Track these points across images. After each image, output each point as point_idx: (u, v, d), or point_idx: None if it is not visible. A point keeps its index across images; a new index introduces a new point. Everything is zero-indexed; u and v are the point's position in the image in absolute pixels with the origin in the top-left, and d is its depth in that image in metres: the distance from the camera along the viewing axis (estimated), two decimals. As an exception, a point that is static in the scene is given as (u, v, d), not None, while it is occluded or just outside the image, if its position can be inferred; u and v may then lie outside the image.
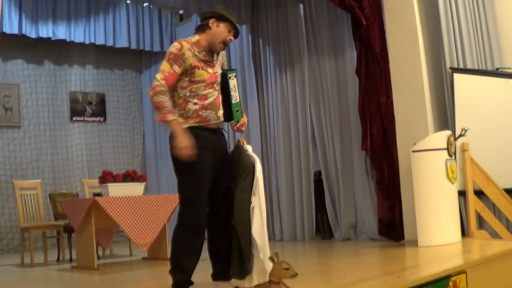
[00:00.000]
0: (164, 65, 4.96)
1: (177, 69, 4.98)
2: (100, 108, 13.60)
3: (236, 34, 5.42)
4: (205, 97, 5.08)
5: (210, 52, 5.26)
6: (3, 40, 3.85)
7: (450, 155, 7.72)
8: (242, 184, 5.01)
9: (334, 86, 10.26)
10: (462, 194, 8.06)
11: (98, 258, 8.89)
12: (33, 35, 11.74)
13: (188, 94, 5.04)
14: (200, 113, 5.03)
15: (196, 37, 5.22)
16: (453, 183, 7.71)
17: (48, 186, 12.11)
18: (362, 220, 9.77)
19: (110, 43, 12.81)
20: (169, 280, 5.17)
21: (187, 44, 5.09)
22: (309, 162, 10.64)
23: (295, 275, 3.82)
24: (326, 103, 10.34)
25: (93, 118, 13.49)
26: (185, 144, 4.86)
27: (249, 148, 5.17)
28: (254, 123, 11.50)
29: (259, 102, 11.54)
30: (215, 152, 5.11)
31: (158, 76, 4.92)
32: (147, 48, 13.37)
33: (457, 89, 8.32)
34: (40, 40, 12.18)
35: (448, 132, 7.86)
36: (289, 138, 10.94)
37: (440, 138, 7.76)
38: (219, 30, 5.24)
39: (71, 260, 9.29)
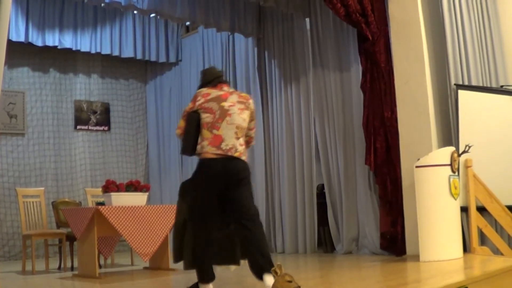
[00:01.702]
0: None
1: None
2: (104, 118, 13.63)
3: None
4: None
5: None
6: (9, 47, 3.92)
7: (453, 171, 7.73)
8: None
9: (339, 100, 10.28)
10: (464, 210, 8.07)
11: (100, 267, 8.91)
12: (39, 43, 11.79)
13: None
14: None
15: None
16: (455, 199, 7.72)
17: (51, 194, 12.12)
18: (364, 234, 9.76)
19: (116, 52, 12.85)
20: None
21: None
22: (312, 175, 10.65)
23: (298, 287, 3.83)
24: (331, 117, 10.35)
25: (97, 127, 13.51)
26: None
27: None
28: (258, 136, 11.48)
29: (263, 115, 11.56)
30: None
31: None
32: (153, 58, 13.40)
33: (461, 105, 8.34)
34: (46, 48, 12.23)
35: (451, 148, 7.87)
36: (293, 151, 10.95)
37: (444, 154, 7.77)
38: None
39: (72, 268, 9.29)
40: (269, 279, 5.19)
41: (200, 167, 5.84)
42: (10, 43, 4.00)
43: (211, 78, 6.19)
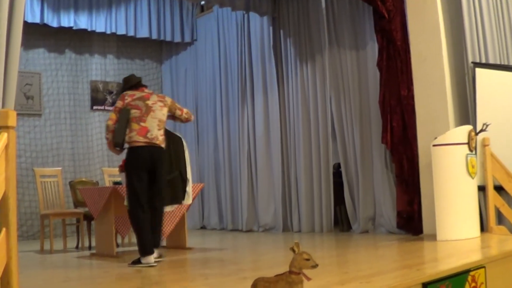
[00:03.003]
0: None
1: None
2: (120, 98, 13.64)
3: None
4: None
5: None
6: (25, 29, 3.98)
7: (470, 150, 7.70)
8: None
9: (355, 78, 10.24)
10: (481, 189, 8.03)
11: (117, 245, 8.97)
12: (54, 24, 11.82)
13: None
14: None
15: None
16: (473, 178, 7.69)
17: (68, 174, 12.18)
18: (380, 213, 9.75)
19: (131, 33, 12.87)
20: (188, 269, 5.19)
21: None
22: (329, 154, 10.62)
23: (315, 265, 3.82)
24: (347, 96, 10.31)
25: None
26: None
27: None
28: (274, 115, 11.51)
29: (279, 94, 11.53)
30: None
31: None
32: (168, 38, 13.40)
33: (478, 83, 8.29)
34: (62, 29, 12.25)
35: (469, 127, 7.84)
36: (309, 130, 10.92)
37: (461, 132, 7.74)
38: None
39: (90, 247, 9.37)
40: (155, 251, 7.14)
41: (131, 153, 7.20)
42: (25, 24, 4.02)
43: (133, 83, 7.62)
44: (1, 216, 3.60)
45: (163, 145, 7.32)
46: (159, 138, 7.24)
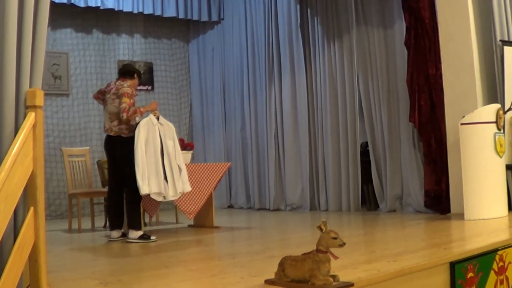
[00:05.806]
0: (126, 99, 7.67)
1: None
2: (147, 77, 13.64)
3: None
4: None
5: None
6: (52, 9, 3.98)
7: (498, 129, 7.65)
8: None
9: (383, 57, 10.19)
10: (510, 168, 8.00)
11: (145, 225, 9.01)
12: (81, 4, 11.82)
13: None
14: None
15: (128, 83, 7.99)
16: (501, 157, 7.66)
17: (96, 153, 12.20)
18: (408, 192, 9.73)
19: (158, 12, 12.86)
20: (215, 248, 5.23)
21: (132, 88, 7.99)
22: (356, 133, 10.60)
23: (343, 244, 3.82)
24: (374, 75, 10.27)
25: (141, 87, 13.51)
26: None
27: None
28: (302, 94, 11.49)
29: (306, 73, 11.50)
30: None
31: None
32: (195, 17, 13.37)
33: (507, 62, 8.23)
34: (89, 9, 12.26)
35: (497, 105, 7.79)
36: (336, 109, 10.90)
37: (489, 111, 7.69)
38: (136, 81, 8.22)
39: (118, 226, 9.42)
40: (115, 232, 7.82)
41: None
42: (52, 4, 4.04)
43: (119, 72, 8.35)
44: (29, 195, 3.63)
45: (122, 134, 7.79)
46: (112, 129, 7.81)
